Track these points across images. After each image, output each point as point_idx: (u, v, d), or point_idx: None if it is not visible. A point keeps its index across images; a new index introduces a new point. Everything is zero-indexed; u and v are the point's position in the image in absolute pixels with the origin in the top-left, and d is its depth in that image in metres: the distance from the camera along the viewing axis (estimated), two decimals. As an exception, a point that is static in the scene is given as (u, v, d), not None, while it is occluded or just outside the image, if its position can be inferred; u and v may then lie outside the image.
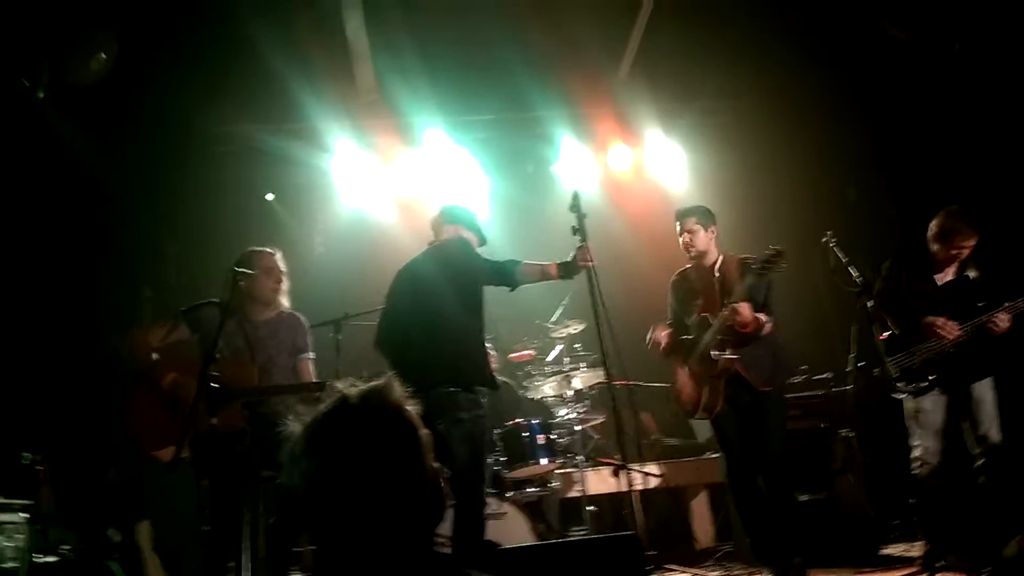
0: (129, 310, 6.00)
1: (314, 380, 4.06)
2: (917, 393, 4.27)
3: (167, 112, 5.90)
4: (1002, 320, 4.08)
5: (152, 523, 5.08)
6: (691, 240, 4.32)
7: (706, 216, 4.36)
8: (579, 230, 3.89)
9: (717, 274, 4.30)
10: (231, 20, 5.36)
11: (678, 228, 4.37)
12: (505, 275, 3.94)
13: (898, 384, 4.30)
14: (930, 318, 4.20)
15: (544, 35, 5.91)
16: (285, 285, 4.17)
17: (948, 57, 5.72)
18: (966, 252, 4.27)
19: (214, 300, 3.88)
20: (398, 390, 1.47)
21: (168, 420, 3.81)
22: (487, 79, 6.38)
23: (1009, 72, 5.49)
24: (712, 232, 4.34)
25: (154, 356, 3.86)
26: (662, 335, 4.42)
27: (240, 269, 3.81)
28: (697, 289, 4.34)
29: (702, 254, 4.34)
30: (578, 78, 6.39)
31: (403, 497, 1.38)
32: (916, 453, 4.27)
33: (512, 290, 4.01)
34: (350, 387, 1.46)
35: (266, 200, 6.70)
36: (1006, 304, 4.14)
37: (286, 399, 4.06)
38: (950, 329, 4.14)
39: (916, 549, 4.44)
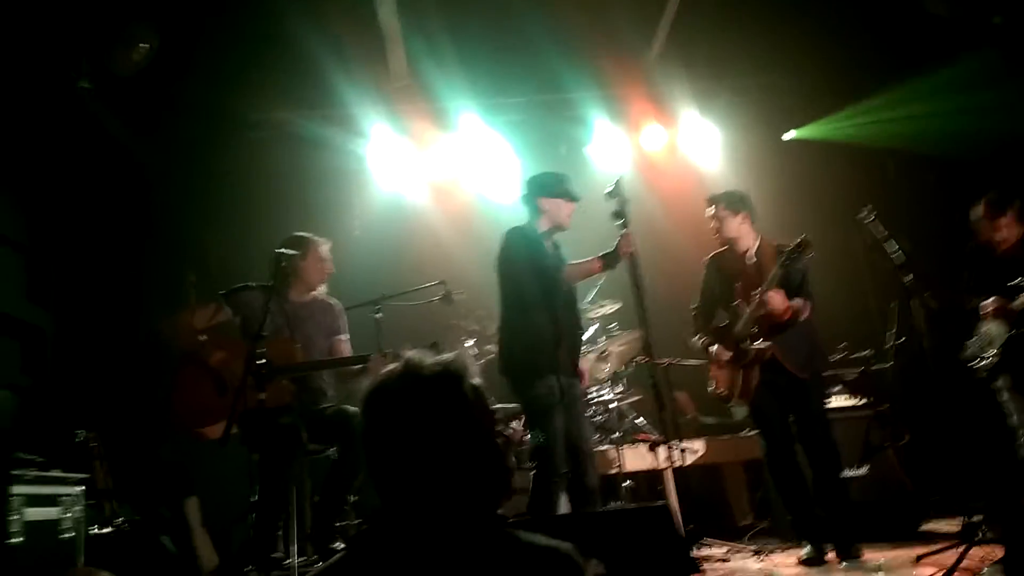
0: (174, 294, 6.14)
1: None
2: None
3: (205, 100, 6.02)
4: None
5: (200, 500, 5.23)
6: (720, 226, 4.31)
7: (735, 202, 4.32)
8: (621, 215, 3.89)
9: (753, 260, 4.27)
10: (265, 9, 5.44)
11: (708, 214, 4.36)
12: None
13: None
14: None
15: (575, 15, 5.90)
16: (329, 273, 4.28)
17: (989, 30, 5.61)
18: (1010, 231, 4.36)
19: (250, 284, 4.04)
20: (466, 362, 1.50)
21: (215, 398, 3.94)
22: (519, 61, 6.39)
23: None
24: (743, 218, 4.29)
25: (201, 338, 3.98)
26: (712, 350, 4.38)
27: (286, 251, 3.92)
28: (732, 274, 4.31)
29: (732, 240, 4.32)
30: (610, 58, 6.39)
31: (464, 465, 1.41)
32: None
33: None
34: (420, 356, 1.49)
35: (302, 185, 6.79)
36: None
37: (326, 375, 4.18)
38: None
39: (955, 525, 4.41)
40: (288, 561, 3.76)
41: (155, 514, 4.56)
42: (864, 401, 5.09)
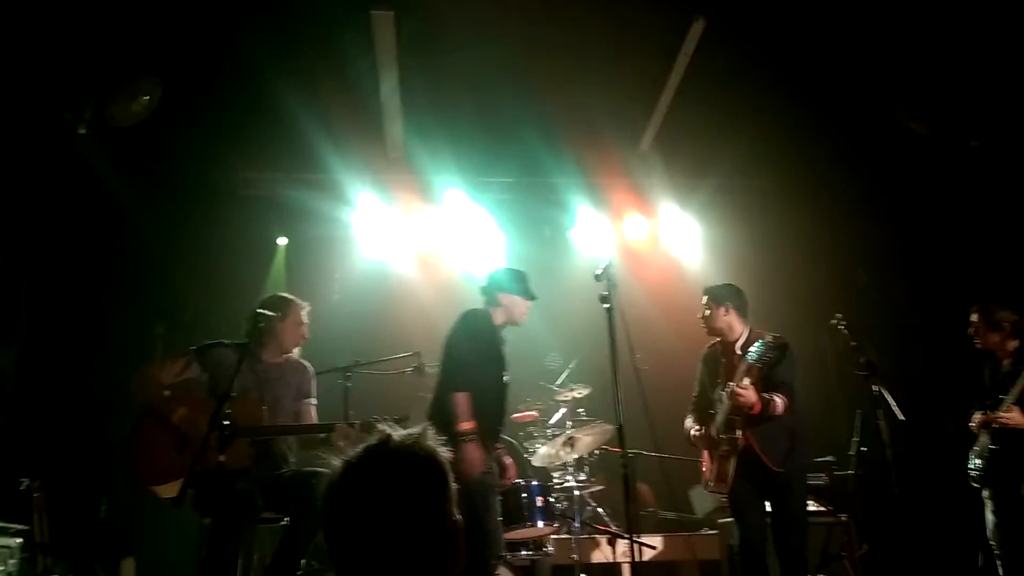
0: (141, 344, 6.07)
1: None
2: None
3: (196, 154, 6.09)
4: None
5: (138, 562, 5.04)
6: (706, 319, 4.40)
7: (721, 295, 4.40)
8: (608, 299, 3.93)
9: (739, 352, 4.31)
10: (265, 75, 5.56)
11: (702, 306, 4.46)
12: None
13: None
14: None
15: (561, 107, 6.09)
16: (303, 338, 4.24)
17: (964, 152, 5.87)
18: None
19: (224, 341, 4.01)
20: (432, 437, 1.51)
21: (174, 456, 3.82)
22: (506, 145, 6.56)
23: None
24: (727, 310, 4.36)
25: (166, 392, 3.90)
26: (692, 433, 4.43)
27: (266, 312, 3.91)
28: (722, 365, 4.36)
29: (718, 331, 4.39)
30: (594, 149, 6.56)
31: (424, 541, 1.42)
32: None
33: None
34: (389, 429, 1.50)
35: (281, 245, 6.82)
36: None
37: (288, 441, 4.10)
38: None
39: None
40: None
41: (90, 573, 4.39)
42: (825, 508, 5.06)
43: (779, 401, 4.08)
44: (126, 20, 5.02)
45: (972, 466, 4.52)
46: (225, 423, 3.43)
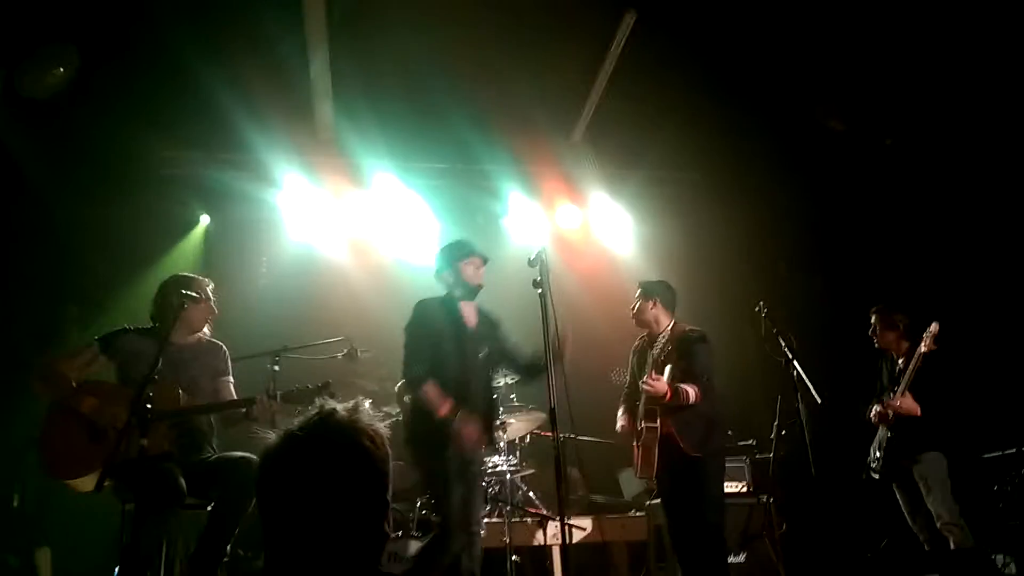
0: (49, 327, 5.78)
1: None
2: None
3: (112, 132, 5.82)
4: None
5: (53, 551, 4.84)
6: (635, 311, 4.55)
7: (650, 290, 4.56)
8: (540, 284, 3.87)
9: (662, 343, 4.45)
10: (183, 51, 5.36)
11: (633, 299, 4.60)
12: None
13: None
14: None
15: (495, 95, 6.09)
16: (213, 315, 4.10)
17: (880, 150, 6.15)
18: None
19: (127, 327, 3.90)
20: (368, 412, 1.50)
21: (87, 447, 3.66)
22: (439, 131, 6.50)
23: (933, 166, 5.95)
24: (654, 304, 4.51)
25: (72, 384, 3.73)
26: (618, 426, 4.56)
27: (188, 293, 3.79)
28: (649, 357, 4.50)
29: (645, 323, 4.54)
30: (526, 138, 6.58)
31: (361, 517, 1.42)
32: None
33: None
34: (329, 402, 1.49)
35: (205, 227, 6.61)
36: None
37: (209, 421, 3.98)
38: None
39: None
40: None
41: (1, 562, 4.18)
42: (745, 489, 5.24)
43: (690, 391, 4.22)
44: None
45: (872, 457, 4.81)
46: (146, 406, 3.34)
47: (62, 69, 5.09)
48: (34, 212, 5.79)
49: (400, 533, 5.01)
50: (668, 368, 4.26)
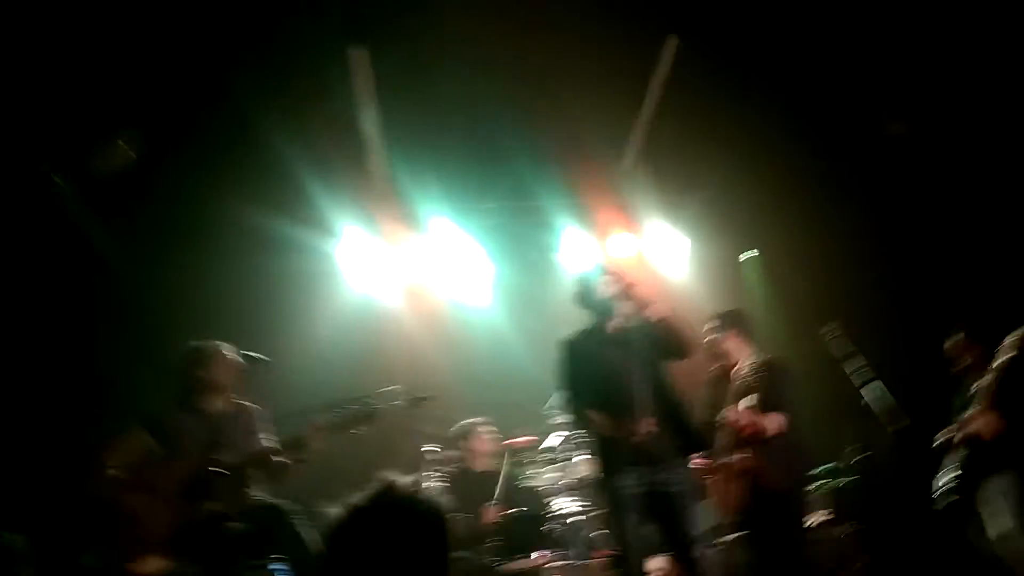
0: (126, 392, 5.99)
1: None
2: None
3: (178, 197, 6.06)
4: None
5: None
6: (717, 341, 4.46)
7: (725, 321, 4.50)
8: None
9: (742, 375, 4.34)
10: (242, 111, 5.55)
11: (707, 328, 4.51)
12: None
13: None
14: None
15: (546, 126, 6.09)
16: (240, 375, 4.16)
17: (945, 154, 5.88)
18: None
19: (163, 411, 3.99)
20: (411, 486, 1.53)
21: (139, 534, 3.73)
22: (491, 170, 6.55)
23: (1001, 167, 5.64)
24: (730, 335, 4.43)
25: (115, 473, 3.78)
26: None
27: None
28: (726, 389, 4.39)
29: (720, 356, 4.45)
30: (580, 168, 6.55)
31: None
32: None
33: None
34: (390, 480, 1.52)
35: (273, 287, 6.73)
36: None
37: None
38: None
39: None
40: None
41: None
42: (825, 518, 5.02)
43: (775, 421, 4.09)
44: (106, 65, 5.02)
45: (944, 481, 4.44)
46: (213, 467, 3.42)
47: (127, 150, 5.33)
48: (104, 277, 6.05)
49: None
50: (749, 399, 4.14)
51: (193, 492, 3.64)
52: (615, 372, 3.78)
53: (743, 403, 4.17)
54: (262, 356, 4.10)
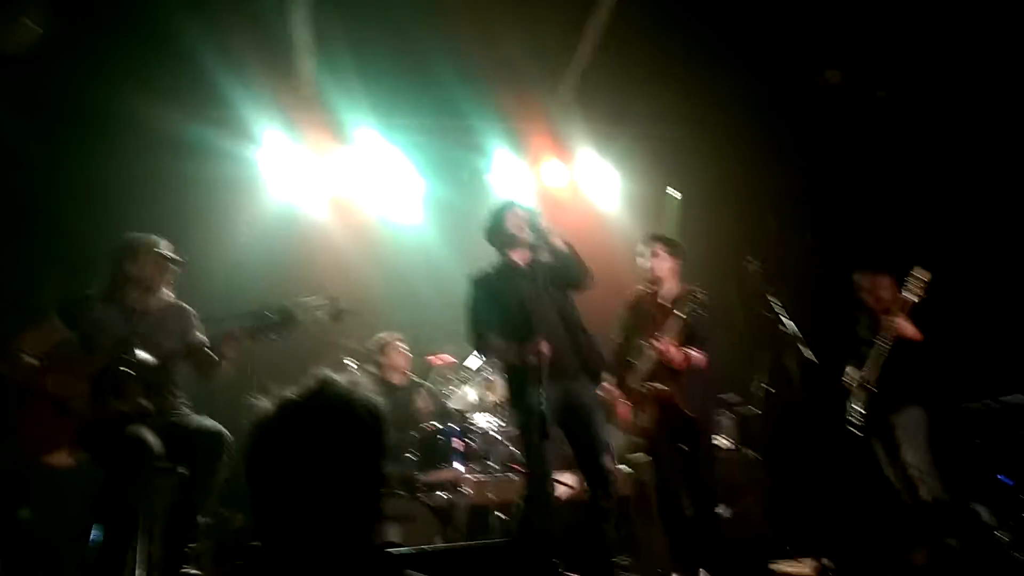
0: (28, 290, 5.66)
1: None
2: None
3: (89, 89, 5.64)
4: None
5: (35, 514, 4.80)
6: (654, 265, 4.47)
7: (674, 247, 4.55)
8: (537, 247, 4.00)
9: (664, 303, 4.44)
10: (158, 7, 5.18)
11: (644, 250, 4.51)
12: None
13: None
14: None
15: (476, 48, 5.93)
16: (171, 274, 3.97)
17: (871, 102, 6.05)
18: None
19: (89, 293, 3.80)
20: (368, 387, 1.46)
21: (57, 423, 3.59)
22: (423, 86, 6.34)
23: (925, 121, 5.85)
24: (662, 259, 4.48)
25: (33, 362, 3.61)
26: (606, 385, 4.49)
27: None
28: (650, 316, 4.46)
29: (659, 280, 4.48)
30: (514, 94, 6.45)
31: (355, 497, 1.36)
32: None
33: None
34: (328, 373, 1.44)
35: (187, 189, 6.43)
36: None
37: (176, 382, 3.88)
38: None
39: (805, 565, 4.63)
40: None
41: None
42: (732, 444, 5.26)
43: (701, 357, 4.28)
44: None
45: (852, 413, 4.70)
46: (122, 366, 3.32)
47: (33, 24, 4.91)
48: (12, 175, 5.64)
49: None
50: (675, 329, 4.28)
51: (102, 388, 3.48)
52: (519, 302, 3.95)
53: (668, 332, 4.28)
54: (176, 256, 3.89)
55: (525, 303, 3.91)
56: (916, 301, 4.49)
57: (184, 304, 4.02)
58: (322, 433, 1.35)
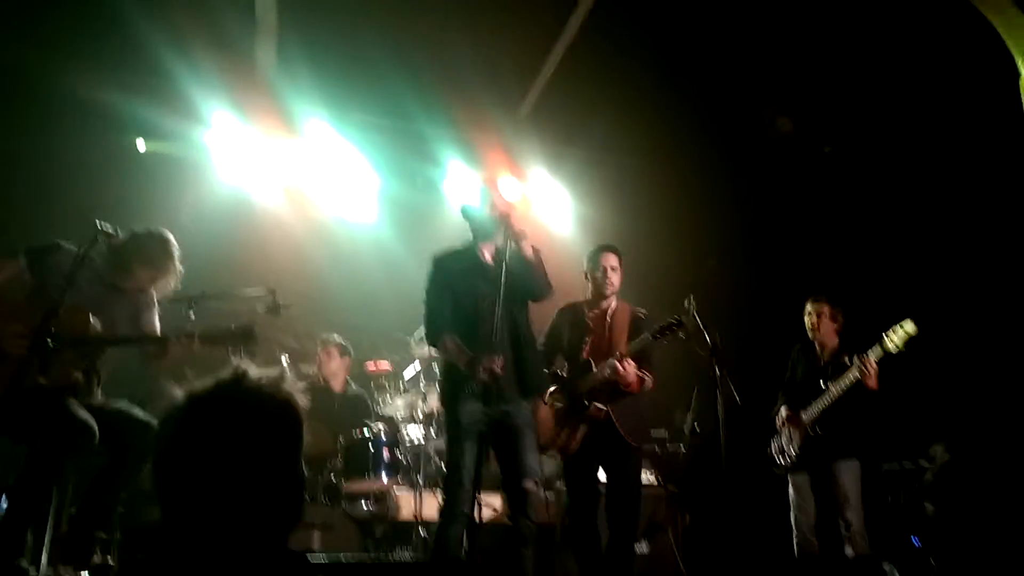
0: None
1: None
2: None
3: (26, 65, 5.41)
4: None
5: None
6: (611, 278, 4.36)
7: (608, 255, 4.43)
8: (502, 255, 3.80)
9: (609, 319, 4.35)
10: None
11: (598, 261, 4.39)
12: None
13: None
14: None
15: (442, 66, 5.93)
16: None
17: (818, 156, 6.29)
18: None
19: (62, 244, 3.62)
20: (290, 380, 1.40)
21: None
22: (380, 88, 6.26)
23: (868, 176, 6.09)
24: (613, 272, 4.38)
25: None
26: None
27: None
28: (587, 328, 4.34)
29: (609, 293, 4.37)
30: (469, 108, 6.42)
31: (267, 493, 1.32)
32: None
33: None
34: (244, 364, 1.38)
35: (129, 170, 6.19)
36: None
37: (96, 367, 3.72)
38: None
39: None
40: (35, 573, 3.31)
41: None
42: (655, 479, 5.32)
43: (648, 380, 4.22)
44: None
45: (782, 451, 4.77)
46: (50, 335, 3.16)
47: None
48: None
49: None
50: (621, 347, 4.17)
51: (40, 351, 3.25)
52: (478, 302, 3.79)
53: (618, 351, 4.16)
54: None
55: (479, 307, 3.76)
56: (893, 353, 4.49)
57: (149, 290, 3.88)
58: (230, 427, 1.30)
